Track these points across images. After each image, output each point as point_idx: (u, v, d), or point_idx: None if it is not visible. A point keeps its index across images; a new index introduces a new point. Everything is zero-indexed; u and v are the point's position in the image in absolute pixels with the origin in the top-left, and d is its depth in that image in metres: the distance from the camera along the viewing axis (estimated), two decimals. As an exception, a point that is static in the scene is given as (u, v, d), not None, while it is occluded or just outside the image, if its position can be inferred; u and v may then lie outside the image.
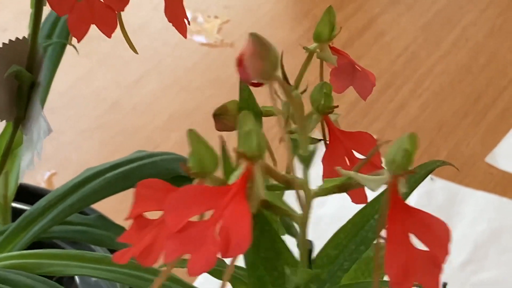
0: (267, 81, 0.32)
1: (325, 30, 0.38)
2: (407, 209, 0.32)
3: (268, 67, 0.31)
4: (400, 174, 0.32)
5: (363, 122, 0.95)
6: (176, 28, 0.45)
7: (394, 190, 0.32)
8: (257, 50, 0.31)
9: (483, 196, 0.86)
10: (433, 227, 0.32)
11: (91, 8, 0.42)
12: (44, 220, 0.55)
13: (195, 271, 0.28)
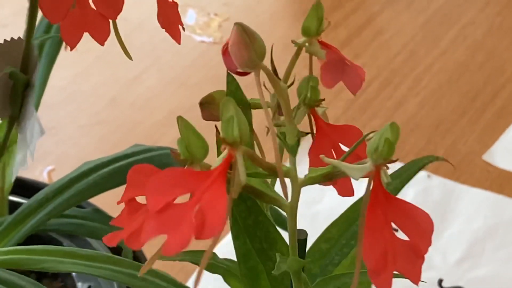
0: (252, 69, 0.32)
1: (312, 25, 0.38)
2: (389, 198, 0.32)
3: (253, 56, 0.32)
4: (382, 163, 0.32)
5: (361, 119, 0.95)
6: (169, 34, 0.45)
7: (376, 179, 0.32)
8: (242, 39, 0.32)
9: (480, 193, 0.87)
10: (416, 217, 0.32)
11: (84, 15, 0.42)
12: (41, 213, 0.56)
13: (169, 251, 0.29)
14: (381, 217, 0.32)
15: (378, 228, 0.31)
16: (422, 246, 0.32)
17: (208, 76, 1.01)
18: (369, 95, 0.99)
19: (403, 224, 0.32)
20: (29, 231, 0.56)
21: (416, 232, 0.32)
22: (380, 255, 0.31)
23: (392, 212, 0.32)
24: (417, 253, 0.32)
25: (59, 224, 0.58)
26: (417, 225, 0.32)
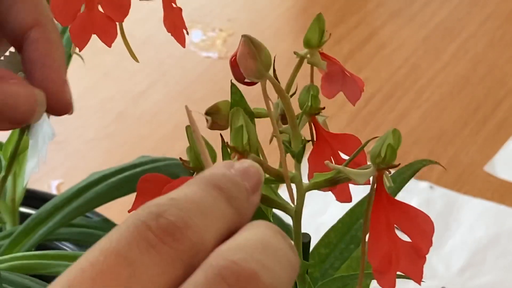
0: (258, 80, 0.33)
1: (314, 36, 0.39)
2: (392, 201, 0.34)
3: (260, 66, 0.33)
4: (385, 168, 0.33)
5: (364, 131, 0.97)
6: (174, 38, 0.46)
7: (379, 183, 0.34)
8: (249, 50, 0.33)
9: (481, 203, 0.88)
10: (417, 219, 0.34)
11: (92, 18, 0.43)
12: (50, 222, 0.57)
13: None
14: (384, 220, 0.33)
15: (382, 230, 0.33)
16: (423, 247, 0.33)
17: (214, 90, 1.03)
18: (372, 107, 1.00)
19: (405, 225, 0.33)
20: (39, 240, 0.57)
21: (418, 233, 0.33)
22: (384, 256, 0.33)
23: (395, 214, 0.33)
24: (419, 254, 0.33)
25: (68, 233, 0.59)
26: (418, 226, 0.33)
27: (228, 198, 0.25)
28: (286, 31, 1.16)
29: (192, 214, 0.24)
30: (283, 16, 1.18)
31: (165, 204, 0.24)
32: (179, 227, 0.23)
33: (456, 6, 1.16)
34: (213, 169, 0.26)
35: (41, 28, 0.33)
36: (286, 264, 0.24)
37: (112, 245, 0.23)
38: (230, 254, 0.23)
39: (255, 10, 1.18)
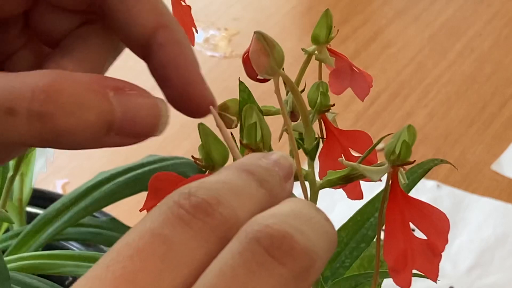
0: (271, 76, 0.33)
1: (322, 32, 0.39)
2: (407, 199, 0.33)
3: (273, 63, 0.33)
4: (399, 165, 0.33)
5: (371, 130, 0.96)
6: None
7: (394, 180, 0.33)
8: (261, 46, 0.33)
9: (489, 202, 0.87)
10: (433, 217, 0.33)
11: None
12: (58, 222, 0.57)
13: None
14: (399, 217, 0.33)
15: (397, 228, 0.33)
16: (439, 244, 0.33)
17: (219, 89, 1.02)
18: (378, 107, 1.00)
19: (420, 223, 0.33)
20: (47, 239, 0.57)
21: (433, 230, 0.33)
22: (399, 254, 0.32)
23: (410, 212, 0.33)
24: (435, 252, 0.33)
25: (75, 233, 0.59)
26: (434, 224, 0.33)
27: (260, 180, 0.25)
28: (291, 29, 1.16)
29: (223, 192, 0.24)
30: (288, 15, 1.18)
31: (196, 185, 0.24)
32: (210, 204, 0.24)
33: (462, 4, 1.16)
34: (244, 158, 0.26)
35: (167, 30, 0.31)
36: (321, 231, 0.24)
37: (146, 225, 0.23)
38: (263, 220, 0.23)
39: (260, 9, 1.18)
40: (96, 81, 0.29)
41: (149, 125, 0.30)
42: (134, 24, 0.31)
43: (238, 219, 0.24)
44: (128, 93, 0.29)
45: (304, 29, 1.17)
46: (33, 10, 0.33)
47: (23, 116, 0.28)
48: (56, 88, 0.28)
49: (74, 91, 0.28)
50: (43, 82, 0.28)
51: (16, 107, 0.28)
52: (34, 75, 0.28)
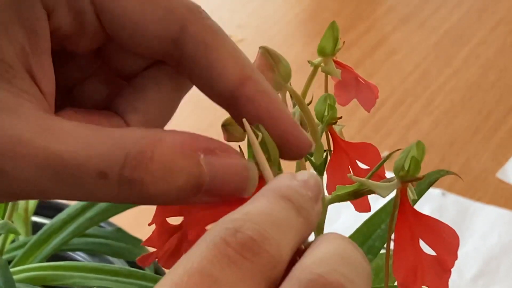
0: (278, 91, 0.33)
1: (328, 45, 0.39)
2: (416, 214, 0.33)
3: (278, 78, 0.33)
4: (409, 181, 0.33)
5: (375, 138, 0.96)
6: None
7: (403, 196, 0.33)
8: (266, 62, 0.33)
9: (494, 210, 0.87)
10: (442, 232, 0.33)
11: None
12: (64, 232, 0.57)
13: None
14: (409, 233, 0.33)
15: (407, 243, 0.32)
16: (448, 260, 0.33)
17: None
18: (383, 114, 1.00)
19: (430, 239, 0.33)
20: (53, 250, 0.57)
21: (443, 246, 0.33)
22: (409, 270, 0.32)
23: (419, 227, 0.33)
24: (444, 267, 0.33)
25: (81, 243, 0.59)
26: (443, 240, 0.33)
27: (297, 208, 0.26)
28: (295, 37, 1.16)
29: (267, 226, 0.25)
30: (292, 22, 1.18)
31: (240, 219, 0.25)
32: (256, 241, 0.24)
33: (466, 11, 1.16)
34: (277, 181, 0.27)
35: (252, 82, 0.31)
36: (364, 274, 0.25)
37: (194, 264, 0.24)
38: (314, 267, 0.24)
39: (265, 16, 1.18)
40: (188, 144, 0.29)
41: (238, 187, 0.30)
42: (218, 78, 0.31)
43: (281, 255, 0.25)
44: (219, 155, 0.30)
45: (308, 36, 1.17)
46: (105, 47, 0.34)
47: (114, 180, 0.28)
48: (148, 156, 0.28)
49: (165, 157, 0.28)
50: (136, 149, 0.28)
51: (107, 171, 0.28)
52: (127, 137, 0.29)
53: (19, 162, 0.28)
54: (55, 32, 0.32)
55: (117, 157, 0.28)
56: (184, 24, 0.32)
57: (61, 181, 0.28)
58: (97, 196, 0.29)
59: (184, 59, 0.32)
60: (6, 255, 0.59)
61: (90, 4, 0.32)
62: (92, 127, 0.29)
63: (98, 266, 0.53)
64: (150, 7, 0.32)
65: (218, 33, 0.32)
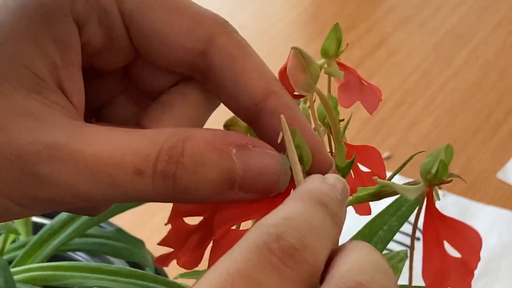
0: (307, 93, 0.33)
1: (332, 46, 0.39)
2: (442, 216, 0.33)
3: (309, 79, 0.33)
4: (436, 184, 0.33)
5: (376, 138, 0.97)
6: None
7: (429, 199, 0.33)
8: (299, 62, 0.33)
9: (494, 211, 0.87)
10: (466, 234, 0.33)
11: None
12: (64, 232, 0.57)
13: None
14: (435, 235, 0.33)
15: (434, 246, 0.32)
16: (472, 262, 0.33)
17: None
18: (383, 115, 1.00)
19: (454, 241, 0.33)
20: (53, 250, 0.57)
21: (467, 248, 0.33)
22: (437, 272, 0.32)
23: (445, 230, 0.33)
24: (468, 269, 0.33)
25: (82, 244, 0.59)
26: (467, 242, 0.33)
27: (332, 215, 0.27)
28: (296, 37, 1.16)
29: (307, 234, 0.26)
30: (293, 23, 1.18)
31: (281, 224, 0.26)
32: (298, 250, 0.25)
33: (467, 12, 1.16)
34: (310, 184, 0.28)
35: (276, 96, 0.32)
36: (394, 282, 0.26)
37: (239, 266, 0.24)
38: (353, 275, 0.25)
39: (265, 16, 1.18)
40: (219, 139, 0.30)
41: (270, 181, 0.30)
42: (243, 91, 0.32)
43: (319, 264, 0.26)
44: (251, 150, 0.30)
45: (309, 36, 1.17)
46: (133, 64, 0.34)
47: (149, 176, 0.29)
48: (179, 150, 0.29)
49: (196, 150, 0.29)
50: (168, 144, 0.29)
51: (142, 168, 0.29)
52: (160, 135, 0.30)
53: (57, 165, 0.29)
54: (85, 47, 0.32)
55: (151, 153, 0.29)
56: (211, 37, 0.32)
57: (98, 181, 0.29)
58: (134, 193, 0.29)
59: (210, 72, 0.32)
60: (7, 255, 0.59)
61: (120, 18, 0.32)
62: (124, 129, 0.30)
63: (99, 266, 0.53)
64: (178, 20, 0.32)
65: (245, 46, 0.33)
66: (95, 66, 0.33)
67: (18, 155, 0.29)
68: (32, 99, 0.30)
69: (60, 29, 0.31)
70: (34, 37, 0.30)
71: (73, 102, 0.31)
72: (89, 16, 0.32)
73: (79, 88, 0.31)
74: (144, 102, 0.34)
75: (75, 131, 0.29)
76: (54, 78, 0.30)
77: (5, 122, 0.29)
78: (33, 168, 0.29)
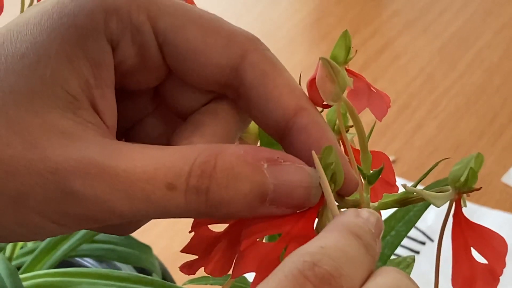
0: (336, 103, 0.33)
1: (341, 53, 0.39)
2: (469, 223, 0.34)
3: (338, 89, 0.33)
4: (465, 192, 0.33)
5: (381, 142, 0.97)
6: None
7: (458, 206, 0.33)
8: (327, 73, 0.33)
9: (500, 215, 0.87)
10: (492, 241, 0.34)
11: None
12: (72, 239, 0.57)
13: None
14: (463, 243, 0.33)
15: (462, 253, 0.33)
16: (497, 268, 0.33)
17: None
18: (388, 118, 1.00)
19: (481, 247, 0.33)
20: (61, 256, 0.57)
21: (493, 255, 0.33)
22: (466, 279, 0.32)
23: (472, 236, 0.33)
24: (494, 276, 0.33)
25: (90, 249, 0.59)
26: (493, 248, 0.33)
27: (366, 246, 0.28)
28: (300, 41, 1.16)
29: (342, 263, 0.26)
30: (297, 27, 1.18)
31: (317, 252, 0.26)
32: (334, 276, 0.26)
33: (471, 15, 1.16)
34: (345, 217, 0.29)
35: (306, 113, 0.32)
36: None
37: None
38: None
39: (270, 20, 1.18)
40: (251, 154, 0.30)
41: (301, 196, 0.30)
42: (275, 107, 0.32)
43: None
44: (282, 164, 0.30)
45: (313, 40, 1.17)
46: (165, 84, 0.34)
47: (181, 191, 0.29)
48: (211, 164, 0.29)
49: (229, 165, 0.29)
50: (200, 159, 0.29)
51: (175, 182, 0.29)
52: (192, 151, 0.30)
53: (89, 181, 0.29)
54: (118, 66, 0.32)
55: (183, 167, 0.29)
56: (244, 54, 0.33)
57: (131, 197, 0.29)
58: (167, 209, 0.29)
59: (242, 88, 0.33)
60: (15, 262, 0.59)
61: (154, 38, 0.32)
62: (157, 146, 0.30)
63: (106, 272, 0.53)
64: (212, 37, 0.32)
65: (276, 63, 0.33)
66: (128, 86, 0.34)
67: (52, 172, 0.29)
68: (66, 118, 0.30)
69: (94, 48, 0.31)
70: (69, 57, 0.30)
71: (105, 121, 0.31)
72: (123, 36, 0.32)
73: (112, 108, 0.32)
74: (175, 122, 0.35)
75: (108, 148, 0.30)
76: (88, 98, 0.31)
77: (40, 140, 0.29)
78: (67, 184, 0.29)
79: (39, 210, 0.29)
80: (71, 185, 0.29)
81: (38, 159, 0.29)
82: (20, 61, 0.30)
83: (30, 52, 0.30)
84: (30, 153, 0.29)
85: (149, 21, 0.32)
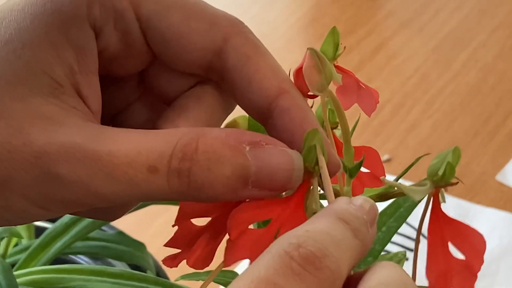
0: (321, 93, 0.34)
1: (329, 49, 0.40)
2: (447, 218, 0.34)
3: (323, 80, 0.33)
4: (442, 186, 0.33)
5: (375, 142, 0.97)
6: None
7: (435, 201, 0.33)
8: (315, 63, 0.33)
9: (494, 213, 0.88)
10: (471, 237, 0.34)
11: None
12: (66, 236, 0.57)
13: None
14: (440, 237, 0.33)
15: (438, 247, 0.33)
16: (475, 265, 0.33)
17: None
18: (382, 118, 1.01)
19: (459, 243, 0.33)
20: (55, 254, 0.57)
21: (471, 251, 0.33)
22: (440, 273, 0.33)
23: (450, 232, 0.33)
24: (472, 272, 0.33)
25: (84, 247, 0.59)
26: (471, 244, 0.33)
27: (354, 230, 0.28)
28: (296, 41, 1.17)
29: (327, 244, 0.27)
30: (293, 27, 1.18)
31: (302, 235, 0.27)
32: (317, 257, 0.26)
33: (466, 16, 1.17)
34: (335, 204, 0.29)
35: (289, 95, 0.32)
36: None
37: (261, 273, 0.26)
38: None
39: (266, 21, 1.19)
40: (232, 137, 0.30)
41: (283, 178, 0.30)
42: (257, 90, 0.32)
43: (340, 271, 0.27)
44: (264, 147, 0.30)
45: (309, 41, 1.18)
46: (149, 69, 0.34)
47: (163, 173, 0.29)
48: (193, 146, 0.30)
49: (210, 148, 0.30)
50: (182, 142, 0.30)
51: (157, 165, 0.29)
52: (174, 134, 0.30)
53: (73, 165, 0.29)
54: (102, 52, 0.33)
55: (165, 151, 0.29)
56: (227, 37, 0.33)
57: (114, 180, 0.29)
58: (149, 192, 0.30)
59: (225, 71, 0.33)
60: (9, 259, 0.59)
61: (137, 23, 0.33)
62: (140, 130, 0.30)
63: (100, 269, 0.53)
64: (195, 21, 0.33)
65: (259, 46, 0.33)
66: (112, 72, 0.34)
67: (36, 156, 0.29)
68: (50, 103, 0.30)
69: (77, 35, 0.31)
70: (52, 43, 0.31)
71: (90, 106, 0.32)
72: (106, 22, 0.32)
73: (96, 93, 0.32)
74: (160, 108, 0.35)
75: (91, 132, 0.30)
76: (72, 83, 0.31)
77: (24, 125, 0.29)
78: (51, 168, 0.29)
79: (23, 194, 0.30)
80: (55, 169, 0.29)
81: (22, 144, 0.29)
82: (4, 47, 0.30)
83: (14, 38, 0.31)
84: (14, 138, 0.29)
85: (132, 7, 0.32)
